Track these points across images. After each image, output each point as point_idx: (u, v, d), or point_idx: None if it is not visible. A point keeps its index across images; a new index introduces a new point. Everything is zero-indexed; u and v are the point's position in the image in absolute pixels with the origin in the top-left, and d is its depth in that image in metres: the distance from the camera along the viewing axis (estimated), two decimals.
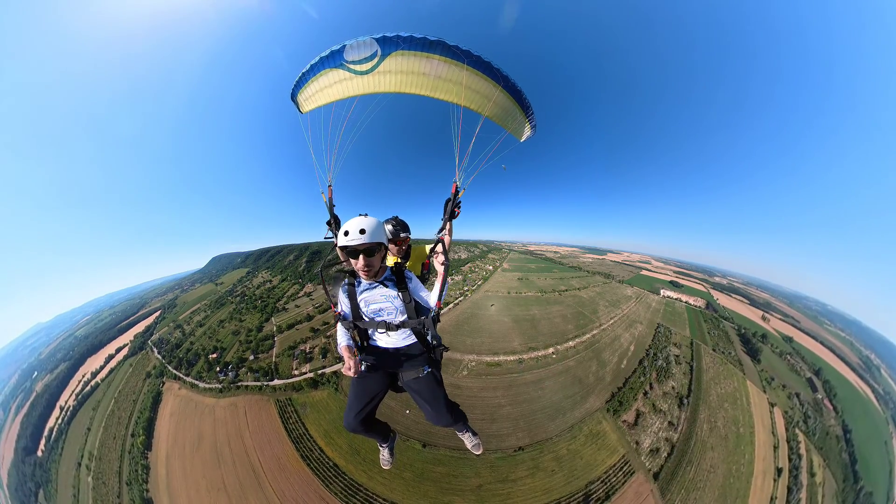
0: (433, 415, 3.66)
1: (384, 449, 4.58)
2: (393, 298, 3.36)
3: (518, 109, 4.50)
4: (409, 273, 3.55)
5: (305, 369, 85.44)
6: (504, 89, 4.14)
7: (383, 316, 3.44)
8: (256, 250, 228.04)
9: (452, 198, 4.13)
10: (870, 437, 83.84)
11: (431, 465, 58.12)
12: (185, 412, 76.33)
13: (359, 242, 2.94)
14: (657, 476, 57.73)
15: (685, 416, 71.71)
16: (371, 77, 4.14)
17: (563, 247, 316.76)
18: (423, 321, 3.39)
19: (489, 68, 3.95)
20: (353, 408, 3.49)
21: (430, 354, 3.60)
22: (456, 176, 4.19)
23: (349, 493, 54.41)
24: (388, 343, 3.61)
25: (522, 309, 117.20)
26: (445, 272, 3.55)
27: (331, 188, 4.62)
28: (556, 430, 66.59)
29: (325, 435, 64.11)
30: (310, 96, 4.66)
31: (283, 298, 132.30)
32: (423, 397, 3.61)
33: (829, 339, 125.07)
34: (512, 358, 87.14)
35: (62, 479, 73.66)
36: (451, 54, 3.83)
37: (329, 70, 4.22)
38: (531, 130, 4.87)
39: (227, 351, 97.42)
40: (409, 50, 3.83)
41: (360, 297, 3.43)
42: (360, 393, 3.52)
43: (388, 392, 3.80)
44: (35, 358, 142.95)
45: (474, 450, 4.49)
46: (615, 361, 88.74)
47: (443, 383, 3.79)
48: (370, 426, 3.73)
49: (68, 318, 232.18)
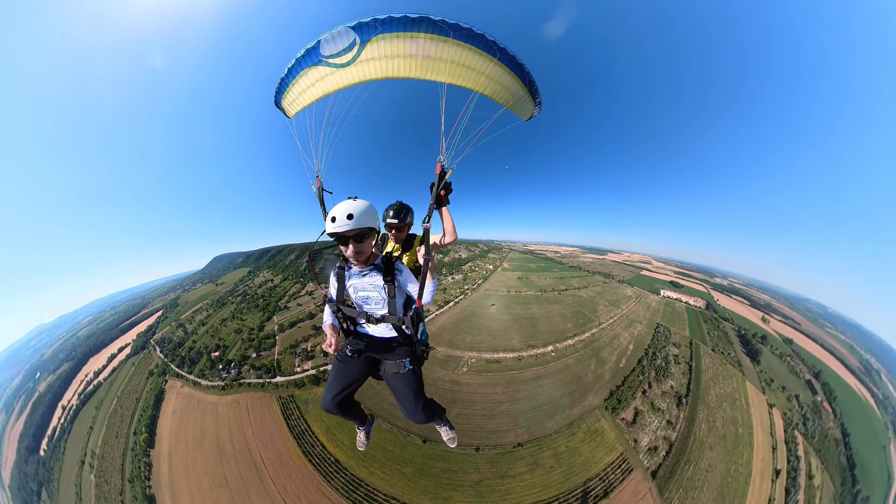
0: (408, 411, 3.60)
1: (361, 432, 4.51)
2: (380, 288, 3.23)
3: (519, 84, 4.02)
4: (399, 264, 3.33)
5: (308, 366, 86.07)
6: (501, 62, 3.73)
7: (370, 304, 3.36)
8: (257, 250, 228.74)
9: (437, 179, 3.70)
10: (868, 441, 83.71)
11: (432, 461, 58.61)
12: (187, 410, 76.83)
13: (346, 228, 2.75)
14: (655, 474, 57.93)
15: (684, 416, 71.95)
16: (353, 68, 3.82)
17: (564, 247, 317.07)
18: (403, 318, 3.25)
19: (481, 40, 3.56)
20: (332, 389, 3.45)
21: (412, 350, 3.47)
22: (441, 155, 3.77)
23: (350, 488, 54.88)
24: (372, 331, 3.55)
25: (522, 307, 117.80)
26: (425, 267, 3.26)
27: (319, 179, 4.40)
28: (555, 426, 67.02)
29: (326, 431, 64.58)
30: (293, 100, 4.39)
31: (284, 297, 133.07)
32: (401, 393, 3.53)
33: (829, 342, 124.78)
34: (511, 355, 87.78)
35: (64, 478, 74.09)
36: (438, 30, 3.47)
37: (308, 69, 3.93)
38: (536, 108, 4.42)
39: (230, 349, 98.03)
40: (389, 32, 3.50)
41: (349, 282, 3.35)
42: (340, 376, 3.46)
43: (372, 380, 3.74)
44: (38, 359, 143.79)
45: (449, 443, 4.46)
46: (614, 360, 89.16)
47: (421, 380, 3.67)
48: (347, 409, 3.68)
49: (70, 318, 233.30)
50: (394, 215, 4.16)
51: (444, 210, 3.86)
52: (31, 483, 78.01)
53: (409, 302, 3.41)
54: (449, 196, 3.87)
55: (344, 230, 2.77)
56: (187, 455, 65.28)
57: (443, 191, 3.74)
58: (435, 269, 3.45)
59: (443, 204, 3.81)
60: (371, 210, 2.97)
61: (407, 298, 3.39)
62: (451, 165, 3.82)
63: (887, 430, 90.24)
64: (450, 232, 3.90)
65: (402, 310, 3.32)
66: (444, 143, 3.80)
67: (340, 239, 2.92)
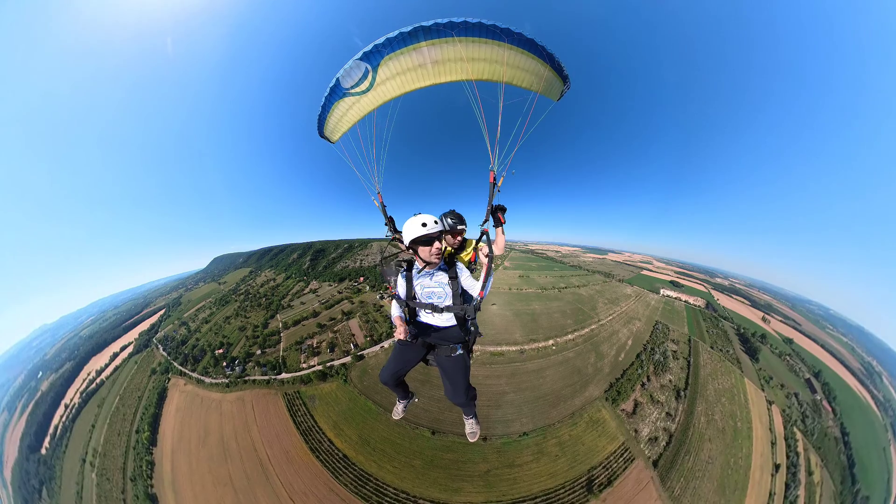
0: (452, 391, 4.12)
1: (400, 404, 5.08)
2: (444, 285, 3.81)
3: (539, 63, 3.92)
4: (459, 264, 3.93)
5: (314, 362, 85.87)
6: (514, 45, 3.67)
7: (433, 299, 3.89)
8: (258, 250, 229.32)
9: (491, 188, 4.18)
10: (868, 441, 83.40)
11: (441, 453, 58.53)
12: (190, 408, 76.54)
13: (434, 231, 3.57)
14: (656, 464, 58.55)
15: (682, 408, 72.52)
16: (373, 92, 4.16)
17: (565, 246, 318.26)
18: (466, 308, 3.72)
19: (483, 28, 3.48)
20: (391, 367, 4.15)
21: (465, 337, 3.97)
22: (491, 162, 4.02)
23: (359, 483, 54.38)
24: (431, 321, 4.06)
25: (523, 304, 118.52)
26: (489, 264, 3.81)
27: (380, 195, 4.95)
28: (558, 416, 67.74)
29: (334, 426, 64.14)
30: (332, 129, 4.92)
31: (287, 296, 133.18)
32: (448, 375, 4.05)
33: (830, 343, 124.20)
34: (514, 348, 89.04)
35: (66, 476, 73.67)
36: (436, 34, 3.50)
37: (337, 102, 4.39)
38: (564, 84, 4.34)
39: (234, 346, 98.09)
40: (393, 52, 3.71)
41: (417, 281, 3.96)
42: (399, 357, 4.13)
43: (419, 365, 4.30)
44: (40, 358, 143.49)
45: (470, 437, 4.82)
46: (613, 354, 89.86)
47: (469, 366, 4.18)
48: (398, 384, 4.52)
49: (73, 318, 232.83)
50: (454, 222, 4.57)
51: (500, 230, 4.37)
52: (33, 481, 77.35)
53: (466, 295, 3.91)
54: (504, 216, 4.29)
55: (433, 232, 3.57)
56: (191, 453, 64.65)
57: (500, 213, 4.22)
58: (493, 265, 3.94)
59: (499, 223, 4.29)
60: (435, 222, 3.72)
61: (464, 292, 3.89)
62: (500, 173, 4.16)
63: (887, 433, 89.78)
64: (500, 248, 4.38)
65: (462, 302, 3.85)
66: (491, 149, 3.92)
67: (426, 241, 3.62)
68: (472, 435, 4.78)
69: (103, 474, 68.70)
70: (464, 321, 3.87)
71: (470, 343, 4.09)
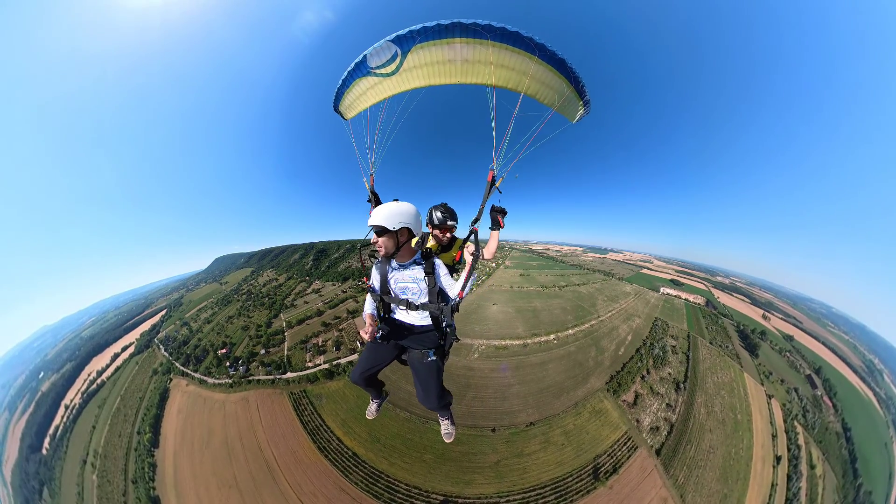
0: (423, 396, 3.95)
1: (373, 403, 4.90)
2: (419, 280, 3.57)
3: (564, 83, 3.92)
4: (437, 260, 3.66)
5: (319, 360, 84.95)
6: (542, 60, 3.68)
7: (407, 295, 3.66)
8: (259, 251, 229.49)
9: (488, 186, 4.02)
10: (870, 437, 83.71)
11: (451, 446, 58.06)
12: (193, 409, 75.76)
13: (372, 224, 3.22)
14: (659, 452, 59.28)
15: (682, 400, 73.21)
16: (398, 77, 4.11)
17: (566, 246, 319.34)
18: (442, 307, 3.55)
19: (518, 39, 3.50)
20: (361, 366, 3.95)
21: (441, 340, 3.78)
22: (493, 162, 3.92)
23: (370, 481, 53.66)
24: (406, 319, 3.86)
25: (525, 301, 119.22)
26: (473, 263, 3.53)
27: (372, 177, 4.76)
28: (562, 406, 68.56)
29: (342, 425, 63.31)
30: (349, 105, 4.83)
31: (290, 295, 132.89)
32: (420, 379, 3.88)
33: (831, 341, 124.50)
34: (517, 342, 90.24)
35: (66, 478, 73.20)
36: (472, 33, 3.49)
37: (360, 79, 4.32)
38: (584, 108, 4.21)
39: (237, 346, 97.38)
40: (426, 41, 3.66)
41: (391, 275, 3.70)
42: (369, 356, 3.94)
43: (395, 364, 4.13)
44: (41, 359, 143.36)
45: (446, 438, 4.64)
46: (613, 349, 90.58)
47: (442, 371, 3.97)
48: (370, 383, 4.22)
49: (74, 319, 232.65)
50: (444, 216, 4.36)
51: (495, 233, 4.16)
52: (33, 481, 76.92)
53: (443, 294, 3.69)
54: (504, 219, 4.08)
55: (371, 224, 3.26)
56: (194, 455, 63.58)
57: (500, 216, 4.01)
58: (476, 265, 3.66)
59: (497, 227, 4.07)
60: (403, 212, 3.27)
61: (440, 291, 3.67)
62: (500, 174, 4.00)
63: (889, 429, 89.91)
64: (491, 252, 4.17)
65: (438, 301, 3.64)
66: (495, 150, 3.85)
67: (377, 232, 3.30)
68: (448, 436, 4.63)
69: (104, 476, 68.17)
70: (439, 322, 3.74)
71: (446, 347, 3.87)
